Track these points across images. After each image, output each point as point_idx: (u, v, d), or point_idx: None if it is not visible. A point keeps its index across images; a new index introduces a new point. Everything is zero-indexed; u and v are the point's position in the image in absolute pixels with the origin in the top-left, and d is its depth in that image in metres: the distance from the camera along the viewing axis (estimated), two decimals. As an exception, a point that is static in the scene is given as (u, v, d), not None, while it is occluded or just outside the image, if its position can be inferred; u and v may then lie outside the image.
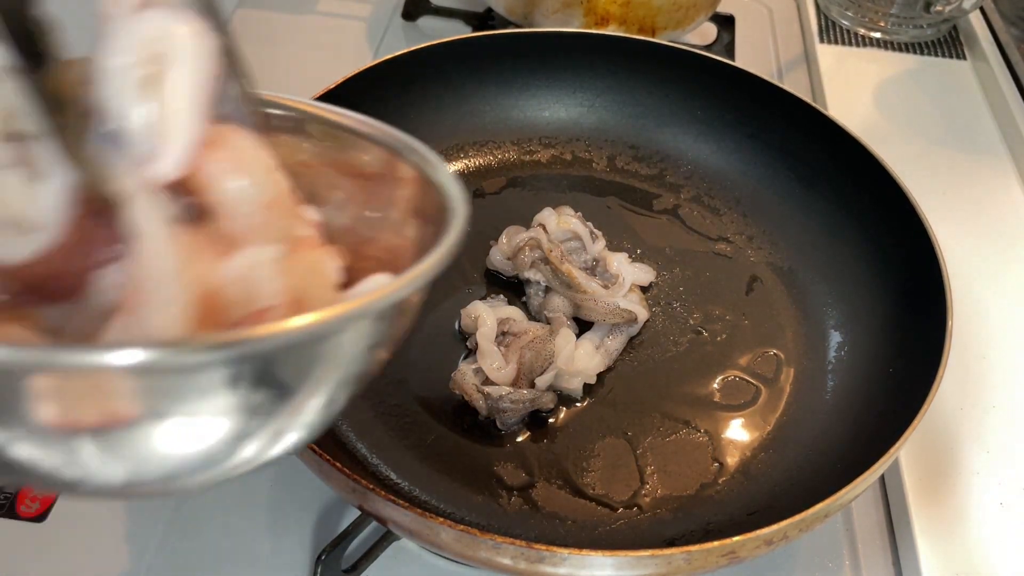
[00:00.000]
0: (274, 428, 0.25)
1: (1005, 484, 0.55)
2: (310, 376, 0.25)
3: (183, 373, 0.22)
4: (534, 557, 0.39)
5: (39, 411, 0.21)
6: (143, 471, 0.24)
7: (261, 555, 0.51)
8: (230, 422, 0.24)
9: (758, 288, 0.62)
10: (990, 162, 0.80)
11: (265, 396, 0.24)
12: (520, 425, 0.53)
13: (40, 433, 0.22)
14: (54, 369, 0.21)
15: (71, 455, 0.23)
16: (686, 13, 0.83)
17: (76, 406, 0.21)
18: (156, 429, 0.23)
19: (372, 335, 0.26)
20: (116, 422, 0.22)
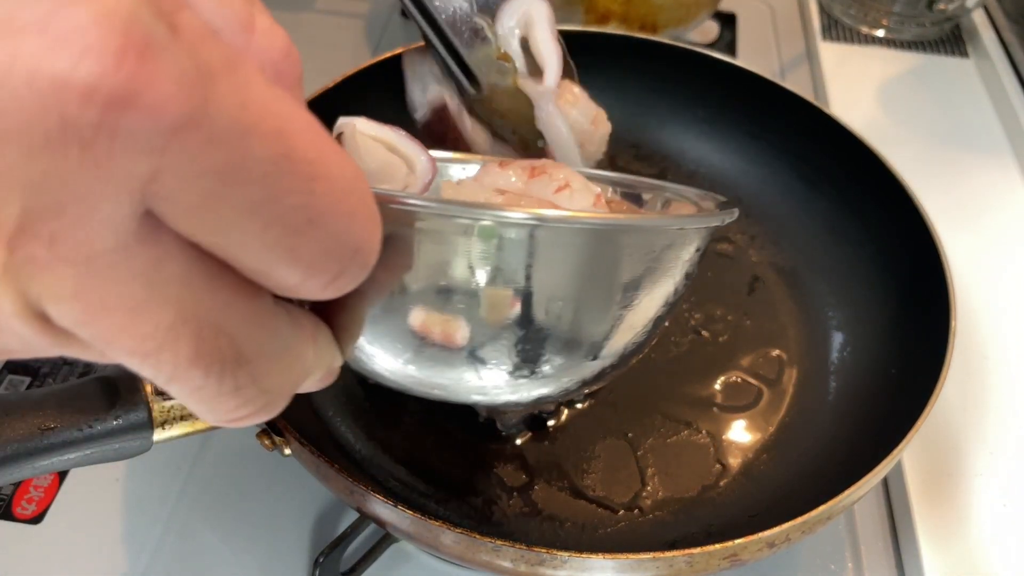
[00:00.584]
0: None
1: (1008, 485, 0.54)
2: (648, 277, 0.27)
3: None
4: (534, 559, 0.39)
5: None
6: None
7: (259, 557, 0.51)
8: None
9: (760, 288, 0.62)
10: (993, 161, 0.80)
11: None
12: (521, 427, 0.53)
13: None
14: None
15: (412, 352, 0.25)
16: (688, 11, 0.83)
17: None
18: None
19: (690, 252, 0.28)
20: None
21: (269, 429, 0.44)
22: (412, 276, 0.23)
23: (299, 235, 0.18)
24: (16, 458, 0.39)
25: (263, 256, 0.18)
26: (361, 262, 0.20)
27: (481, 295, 0.23)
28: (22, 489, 0.53)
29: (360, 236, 0.20)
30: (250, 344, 0.20)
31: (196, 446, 0.56)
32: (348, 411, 0.53)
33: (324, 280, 0.20)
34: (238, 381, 0.20)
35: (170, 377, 0.19)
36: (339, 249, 0.19)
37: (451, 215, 0.22)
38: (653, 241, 0.26)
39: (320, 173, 0.18)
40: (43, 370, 0.59)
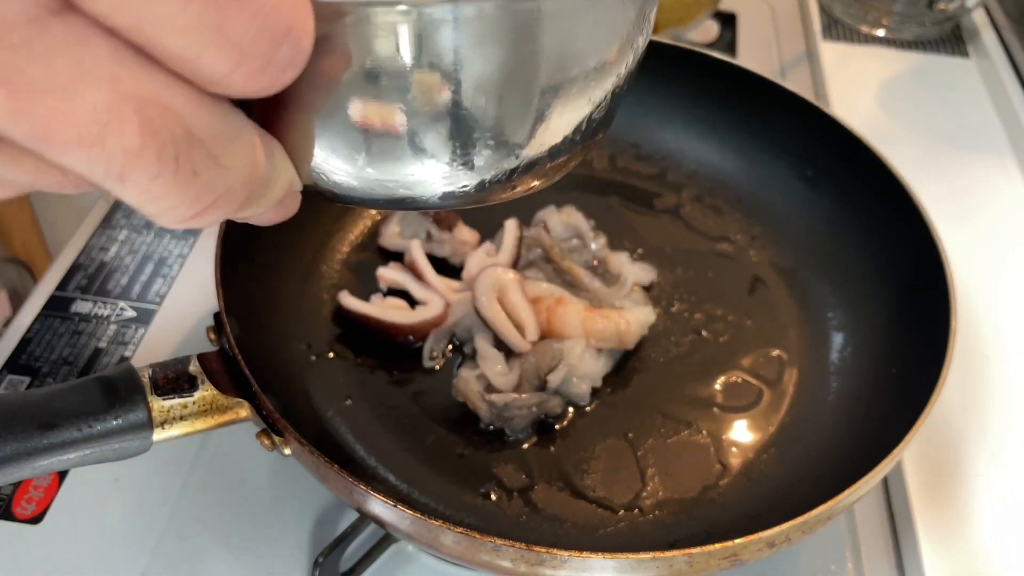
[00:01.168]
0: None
1: (1009, 486, 0.54)
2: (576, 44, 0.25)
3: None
4: (534, 559, 0.39)
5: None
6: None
7: (259, 557, 0.51)
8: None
9: (760, 288, 0.62)
10: (994, 160, 0.80)
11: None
12: (528, 431, 0.52)
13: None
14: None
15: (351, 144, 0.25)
16: (688, 11, 0.83)
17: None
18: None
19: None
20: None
21: (269, 429, 0.44)
22: (346, 72, 0.23)
23: (223, 11, 0.17)
24: (16, 458, 0.39)
25: (187, 39, 0.17)
26: (293, 44, 0.19)
27: (411, 79, 0.23)
28: (22, 489, 0.53)
29: (291, 14, 0.19)
30: (199, 123, 0.19)
31: (196, 446, 0.56)
32: (348, 411, 0.53)
33: (255, 66, 0.18)
34: (195, 163, 0.19)
35: (123, 168, 0.18)
36: (268, 27, 0.18)
37: (373, 3, 0.22)
38: (592, 5, 0.25)
39: None
40: (43, 370, 0.59)
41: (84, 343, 0.61)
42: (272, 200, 0.24)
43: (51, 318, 0.63)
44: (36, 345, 0.61)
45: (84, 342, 0.61)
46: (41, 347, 0.61)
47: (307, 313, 0.58)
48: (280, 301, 0.57)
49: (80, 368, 0.60)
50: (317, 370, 0.55)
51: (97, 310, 0.63)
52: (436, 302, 0.57)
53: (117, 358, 0.61)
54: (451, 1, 0.22)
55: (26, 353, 0.60)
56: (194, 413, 0.43)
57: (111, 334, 0.62)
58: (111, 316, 0.63)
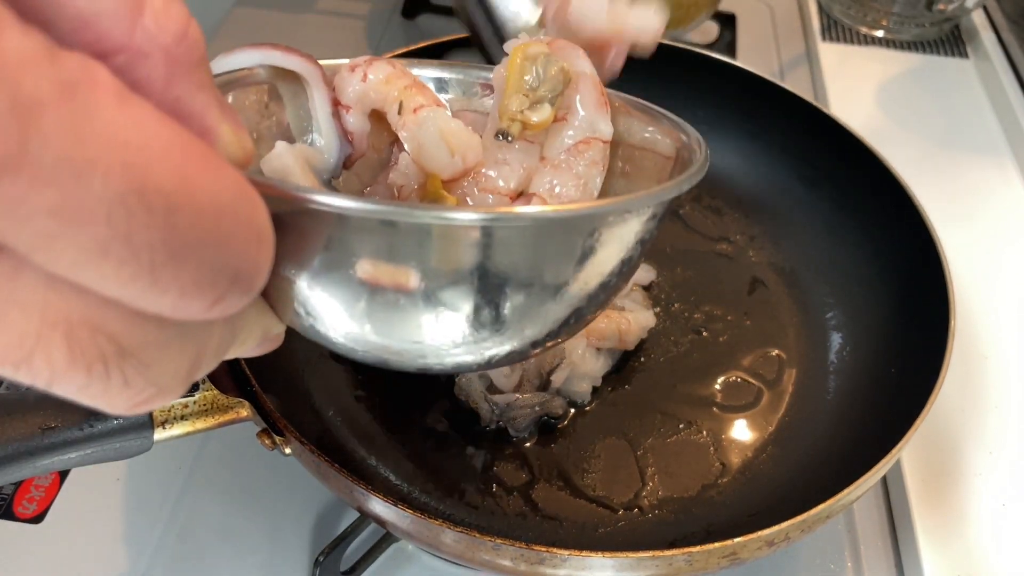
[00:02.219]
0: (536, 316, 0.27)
1: (1007, 485, 0.55)
2: (588, 263, 0.27)
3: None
4: (534, 558, 0.39)
5: (361, 265, 0.24)
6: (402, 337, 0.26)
7: (259, 557, 0.51)
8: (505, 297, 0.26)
9: (760, 288, 0.62)
10: (992, 161, 0.80)
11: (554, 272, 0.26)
12: (532, 430, 0.53)
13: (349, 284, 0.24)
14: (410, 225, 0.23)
15: (358, 309, 0.25)
16: (687, 12, 0.83)
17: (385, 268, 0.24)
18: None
19: (637, 234, 0.28)
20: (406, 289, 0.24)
21: (270, 429, 0.44)
22: (327, 255, 0.24)
23: (161, 269, 0.17)
24: (17, 457, 0.39)
25: (124, 289, 0.17)
26: (244, 287, 0.19)
27: (396, 267, 0.24)
28: (23, 489, 0.53)
29: (240, 262, 0.18)
30: (132, 337, 0.18)
31: (196, 446, 0.56)
32: (348, 411, 0.53)
33: (202, 306, 0.18)
34: (125, 374, 0.19)
35: (49, 382, 0.18)
36: (214, 277, 0.18)
37: (363, 215, 0.22)
38: (594, 224, 0.26)
39: (182, 204, 0.17)
40: (44, 370, 0.59)
41: (85, 343, 0.61)
42: (244, 351, 0.24)
43: (52, 318, 0.63)
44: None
45: (85, 342, 0.61)
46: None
47: (307, 313, 0.58)
48: (280, 301, 0.57)
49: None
50: (318, 370, 0.55)
51: (98, 310, 0.63)
52: None
53: (118, 358, 0.61)
54: (476, 224, 0.23)
55: (27, 353, 0.60)
56: (195, 413, 0.43)
57: (112, 334, 0.62)
58: (112, 316, 0.63)
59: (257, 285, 0.19)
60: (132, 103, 0.16)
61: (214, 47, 0.89)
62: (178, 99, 0.19)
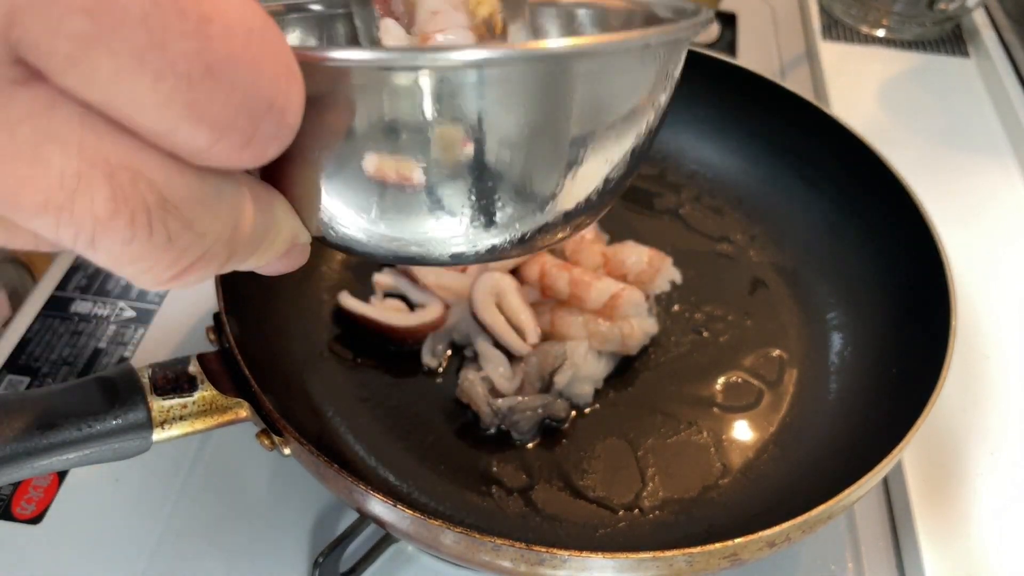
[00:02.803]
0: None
1: (1009, 485, 0.54)
2: (594, 114, 0.25)
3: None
4: (534, 559, 0.39)
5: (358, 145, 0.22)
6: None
7: (259, 557, 0.51)
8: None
9: (760, 288, 0.62)
10: (994, 160, 0.80)
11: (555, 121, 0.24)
12: (535, 432, 0.52)
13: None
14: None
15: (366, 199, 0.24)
16: (688, 11, 0.83)
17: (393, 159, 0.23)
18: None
19: (647, 78, 0.26)
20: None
21: (269, 429, 0.44)
22: (357, 129, 0.22)
23: (197, 87, 0.16)
24: (15, 458, 0.39)
25: (161, 114, 0.17)
26: (277, 120, 0.18)
27: (431, 136, 0.23)
28: (21, 489, 0.53)
29: (272, 88, 0.18)
30: (173, 187, 0.18)
31: (196, 446, 0.56)
32: (348, 411, 0.53)
33: (236, 141, 0.18)
34: (169, 228, 0.18)
35: (93, 234, 0.17)
36: (247, 104, 0.17)
37: (384, 66, 0.21)
38: (610, 64, 0.24)
39: (214, 13, 0.16)
40: (43, 370, 0.59)
41: (84, 343, 0.61)
42: (272, 254, 0.24)
43: (51, 318, 0.63)
44: (36, 345, 0.61)
45: (84, 342, 0.61)
46: (41, 347, 0.61)
47: (307, 313, 0.58)
48: (280, 301, 0.57)
49: (80, 368, 0.60)
50: (317, 370, 0.55)
51: (97, 310, 0.63)
52: (435, 305, 0.56)
53: (117, 358, 0.61)
54: (475, 65, 0.21)
55: (26, 353, 0.60)
56: (194, 413, 0.43)
57: (111, 334, 0.62)
58: (111, 316, 0.63)
59: (289, 123, 0.19)
60: None
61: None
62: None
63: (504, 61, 0.22)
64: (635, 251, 0.57)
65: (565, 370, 0.52)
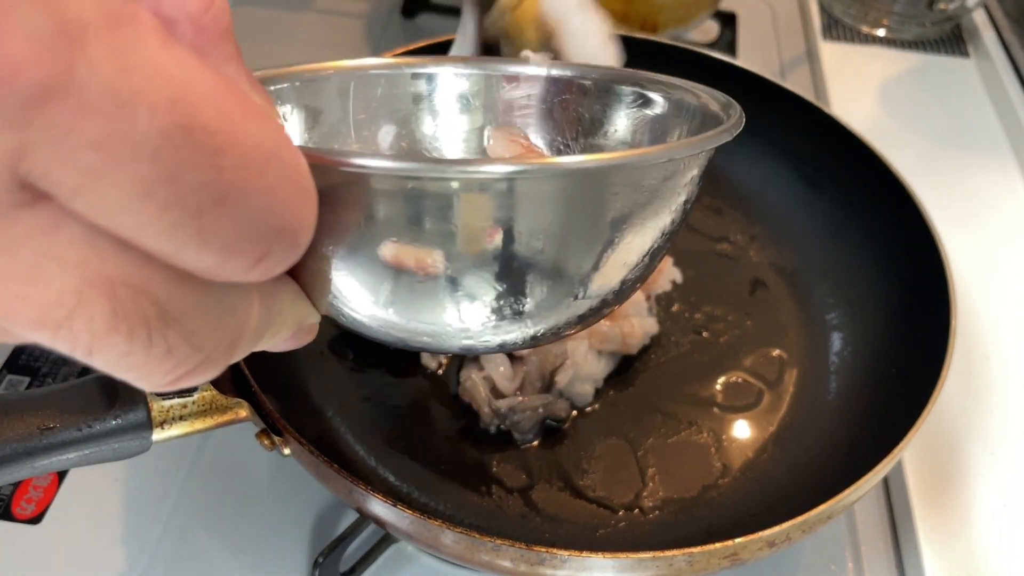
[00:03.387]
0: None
1: (1010, 486, 0.54)
2: (620, 218, 0.25)
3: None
4: (534, 559, 0.39)
5: (378, 242, 0.22)
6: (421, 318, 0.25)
7: (258, 557, 0.51)
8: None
9: (760, 288, 0.62)
10: (994, 161, 0.80)
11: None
12: (537, 431, 0.52)
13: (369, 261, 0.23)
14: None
15: (375, 288, 0.24)
16: (688, 10, 0.83)
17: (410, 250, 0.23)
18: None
19: (676, 187, 0.27)
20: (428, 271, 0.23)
21: (269, 429, 0.44)
22: (372, 226, 0.22)
23: (205, 216, 0.16)
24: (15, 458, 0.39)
25: (167, 240, 0.17)
26: (289, 243, 0.18)
27: (456, 235, 0.23)
28: (21, 489, 0.53)
29: (285, 214, 0.18)
30: (175, 301, 0.18)
31: (196, 446, 0.56)
32: (348, 411, 0.53)
33: (245, 263, 0.18)
34: (168, 341, 0.18)
35: (90, 347, 0.18)
36: (258, 230, 0.17)
37: (405, 175, 0.21)
38: (640, 175, 0.25)
39: (228, 145, 0.16)
40: (43, 370, 0.59)
41: (84, 343, 0.61)
42: (277, 341, 0.23)
43: (51, 318, 0.62)
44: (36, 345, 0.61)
45: (84, 342, 0.61)
46: (41, 347, 0.61)
47: (307, 313, 0.58)
48: (280, 301, 0.57)
49: (80, 368, 0.60)
50: (317, 370, 0.55)
51: (97, 310, 0.63)
52: None
53: (117, 358, 0.60)
54: (504, 179, 0.21)
55: (26, 353, 0.60)
56: (194, 413, 0.43)
57: (111, 334, 0.62)
58: (111, 316, 0.63)
59: (302, 241, 0.19)
60: (174, 43, 0.16)
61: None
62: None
63: (532, 175, 0.22)
64: None
65: (566, 369, 0.52)
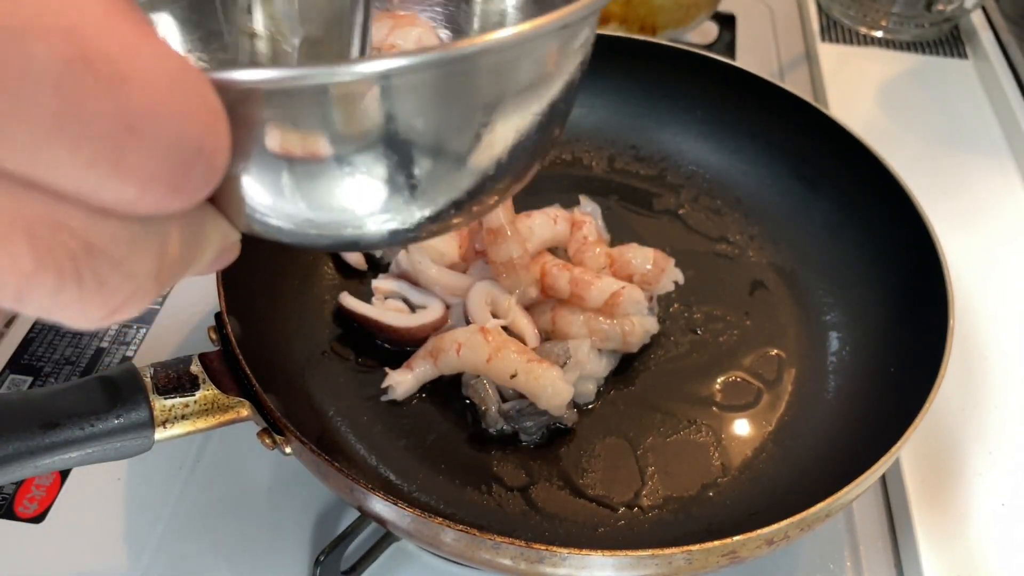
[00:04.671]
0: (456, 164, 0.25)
1: (1007, 484, 0.55)
2: (501, 101, 0.25)
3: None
4: (534, 557, 0.39)
5: (270, 139, 0.22)
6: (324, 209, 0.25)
7: (259, 557, 0.51)
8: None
9: (759, 288, 0.62)
10: (992, 161, 0.80)
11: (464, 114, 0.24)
12: (543, 432, 0.52)
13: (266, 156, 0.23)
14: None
15: (274, 182, 0.24)
16: (687, 12, 0.83)
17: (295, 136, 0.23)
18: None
19: (546, 63, 0.26)
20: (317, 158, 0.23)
21: (270, 428, 0.44)
22: (270, 128, 0.23)
23: (119, 147, 0.16)
24: (18, 457, 0.39)
25: (83, 177, 0.16)
26: (207, 165, 0.18)
27: (337, 118, 0.23)
28: (24, 488, 0.53)
29: (199, 134, 0.17)
30: (98, 233, 0.18)
31: (196, 446, 0.56)
32: (348, 411, 0.53)
33: (166, 191, 0.17)
34: (98, 274, 0.18)
35: (20, 290, 0.17)
36: (175, 154, 0.17)
37: (287, 83, 0.21)
38: (504, 58, 0.24)
39: (131, 71, 0.16)
40: (45, 369, 0.59)
41: (86, 343, 0.61)
42: (204, 264, 0.23)
43: (53, 318, 0.63)
44: (38, 345, 0.61)
45: (86, 342, 0.61)
46: (43, 347, 0.61)
47: (308, 313, 0.58)
48: (281, 301, 0.57)
49: (82, 368, 0.60)
50: (318, 370, 0.55)
51: (98, 310, 0.63)
52: (436, 306, 0.57)
53: (119, 358, 0.61)
54: (380, 78, 0.22)
55: (28, 353, 0.60)
56: (195, 412, 0.43)
57: (113, 334, 0.62)
58: (112, 316, 0.63)
59: (219, 163, 0.18)
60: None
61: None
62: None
63: (405, 71, 0.22)
64: (640, 252, 0.57)
65: (571, 368, 0.53)
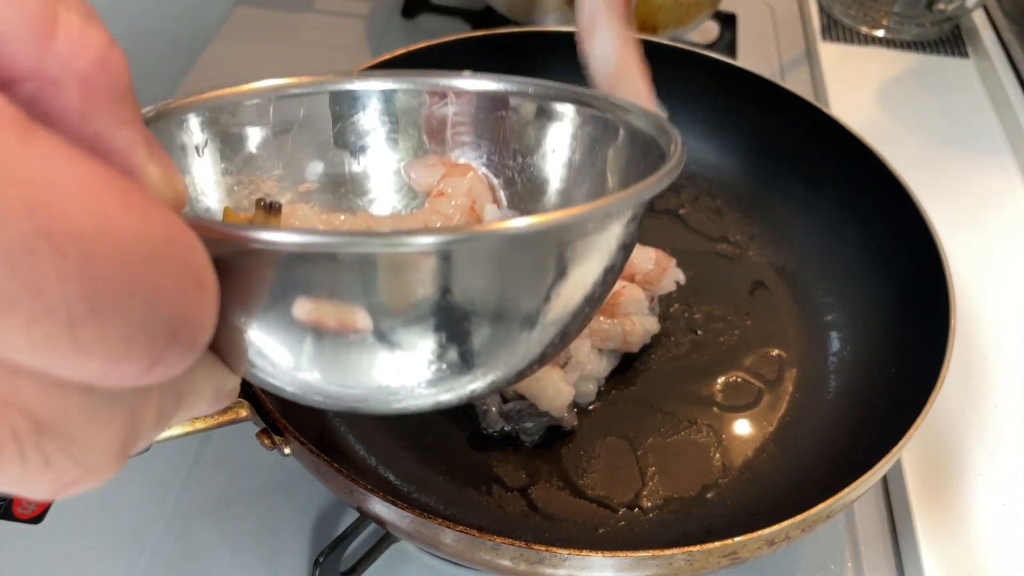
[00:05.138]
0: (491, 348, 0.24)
1: (1008, 485, 0.54)
2: (551, 288, 0.24)
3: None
4: (534, 558, 0.39)
5: (297, 306, 0.21)
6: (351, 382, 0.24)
7: (259, 557, 0.51)
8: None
9: (760, 288, 0.62)
10: (993, 161, 0.80)
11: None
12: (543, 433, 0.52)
13: (284, 324, 0.21)
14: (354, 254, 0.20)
15: (295, 350, 0.22)
16: (687, 11, 0.83)
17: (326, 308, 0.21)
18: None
19: (613, 241, 0.25)
20: (349, 331, 0.22)
21: (269, 428, 0.44)
22: (292, 292, 0.21)
23: (80, 328, 0.14)
24: (17, 457, 0.39)
25: (39, 354, 0.15)
26: (185, 343, 0.16)
27: (380, 296, 0.21)
28: (23, 489, 0.53)
29: (178, 314, 0.16)
30: (49, 410, 0.16)
31: (196, 446, 0.56)
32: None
33: (137, 369, 0.16)
34: (45, 453, 0.16)
35: None
36: (148, 334, 0.15)
37: (319, 250, 0.19)
38: (563, 236, 0.23)
39: (101, 248, 0.14)
40: (44, 370, 0.59)
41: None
42: (191, 415, 0.22)
43: (52, 318, 0.63)
44: None
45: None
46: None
47: (307, 313, 0.58)
48: (280, 301, 0.57)
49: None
50: (317, 370, 0.55)
51: (98, 310, 0.63)
52: None
53: (118, 358, 0.61)
54: (432, 249, 0.20)
55: (27, 353, 0.60)
56: (195, 413, 0.43)
57: (112, 334, 0.62)
58: (112, 316, 0.63)
59: (201, 340, 0.17)
60: (37, 136, 0.14)
61: (215, 47, 0.89)
62: (97, 135, 0.17)
63: (459, 243, 0.21)
64: (642, 252, 0.57)
65: (572, 368, 0.53)
